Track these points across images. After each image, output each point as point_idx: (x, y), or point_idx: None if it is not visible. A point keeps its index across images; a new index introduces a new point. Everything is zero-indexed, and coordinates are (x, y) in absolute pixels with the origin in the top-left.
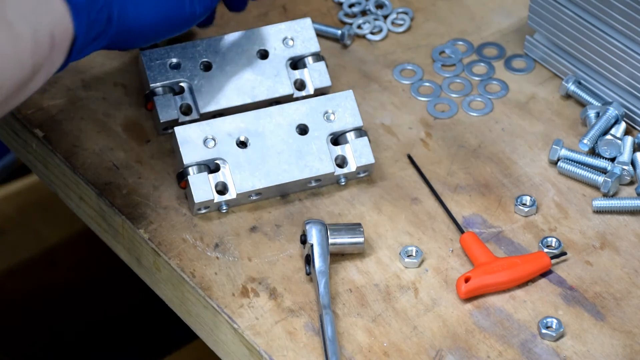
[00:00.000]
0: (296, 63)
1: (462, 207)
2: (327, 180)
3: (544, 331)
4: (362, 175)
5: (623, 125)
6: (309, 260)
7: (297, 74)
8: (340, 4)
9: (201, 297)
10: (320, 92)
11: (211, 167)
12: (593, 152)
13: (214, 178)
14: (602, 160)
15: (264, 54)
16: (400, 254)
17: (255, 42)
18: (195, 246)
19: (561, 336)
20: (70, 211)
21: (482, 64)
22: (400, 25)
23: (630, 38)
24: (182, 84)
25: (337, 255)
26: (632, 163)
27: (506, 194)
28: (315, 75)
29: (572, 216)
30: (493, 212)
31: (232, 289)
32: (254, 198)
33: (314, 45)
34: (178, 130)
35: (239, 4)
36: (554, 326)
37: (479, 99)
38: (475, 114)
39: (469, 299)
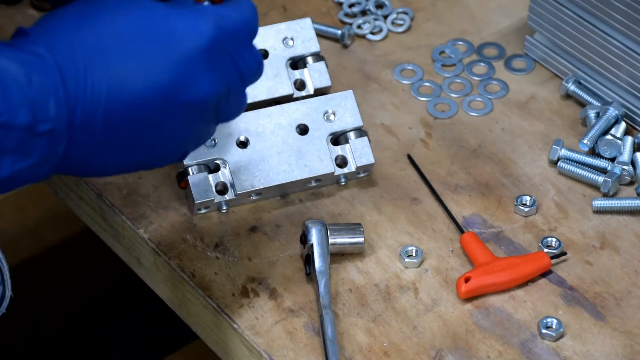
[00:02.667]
0: (296, 63)
1: (462, 207)
2: (327, 180)
3: (544, 331)
4: (362, 175)
5: (623, 125)
6: (309, 260)
7: (297, 74)
8: (340, 4)
9: (201, 297)
10: (320, 92)
11: (211, 167)
12: (593, 152)
13: (214, 178)
14: (602, 160)
15: (264, 54)
16: (400, 254)
17: (255, 42)
18: (195, 246)
19: (561, 336)
20: (70, 211)
21: (482, 64)
22: (400, 25)
23: (630, 38)
24: None
25: (337, 255)
26: (632, 163)
27: (506, 194)
28: (315, 75)
29: (572, 216)
30: (493, 212)
31: (232, 289)
32: (254, 198)
33: (314, 45)
34: None
35: None
36: (554, 326)
37: (479, 99)
38: (475, 114)
39: (469, 299)
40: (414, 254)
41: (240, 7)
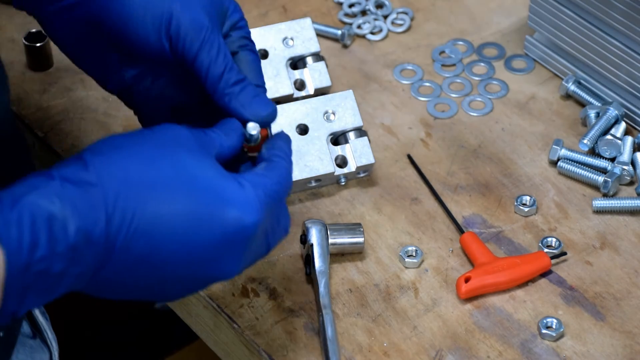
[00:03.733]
0: (296, 63)
1: (462, 207)
2: (327, 180)
3: (544, 331)
4: (362, 175)
5: (623, 125)
6: (309, 260)
7: (297, 74)
8: (340, 4)
9: (201, 297)
10: (320, 92)
11: None
12: (593, 152)
13: None
14: (602, 160)
15: (264, 54)
16: (400, 254)
17: (255, 42)
18: None
19: (561, 336)
20: None
21: (482, 64)
22: (400, 25)
23: (630, 38)
24: None
25: (337, 255)
26: (632, 163)
27: (506, 194)
28: (315, 75)
29: (572, 216)
30: (493, 212)
31: (232, 289)
32: None
33: (314, 45)
34: None
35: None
36: (554, 326)
37: (479, 99)
38: (475, 114)
39: (469, 299)
40: (414, 254)
41: (281, 175)
